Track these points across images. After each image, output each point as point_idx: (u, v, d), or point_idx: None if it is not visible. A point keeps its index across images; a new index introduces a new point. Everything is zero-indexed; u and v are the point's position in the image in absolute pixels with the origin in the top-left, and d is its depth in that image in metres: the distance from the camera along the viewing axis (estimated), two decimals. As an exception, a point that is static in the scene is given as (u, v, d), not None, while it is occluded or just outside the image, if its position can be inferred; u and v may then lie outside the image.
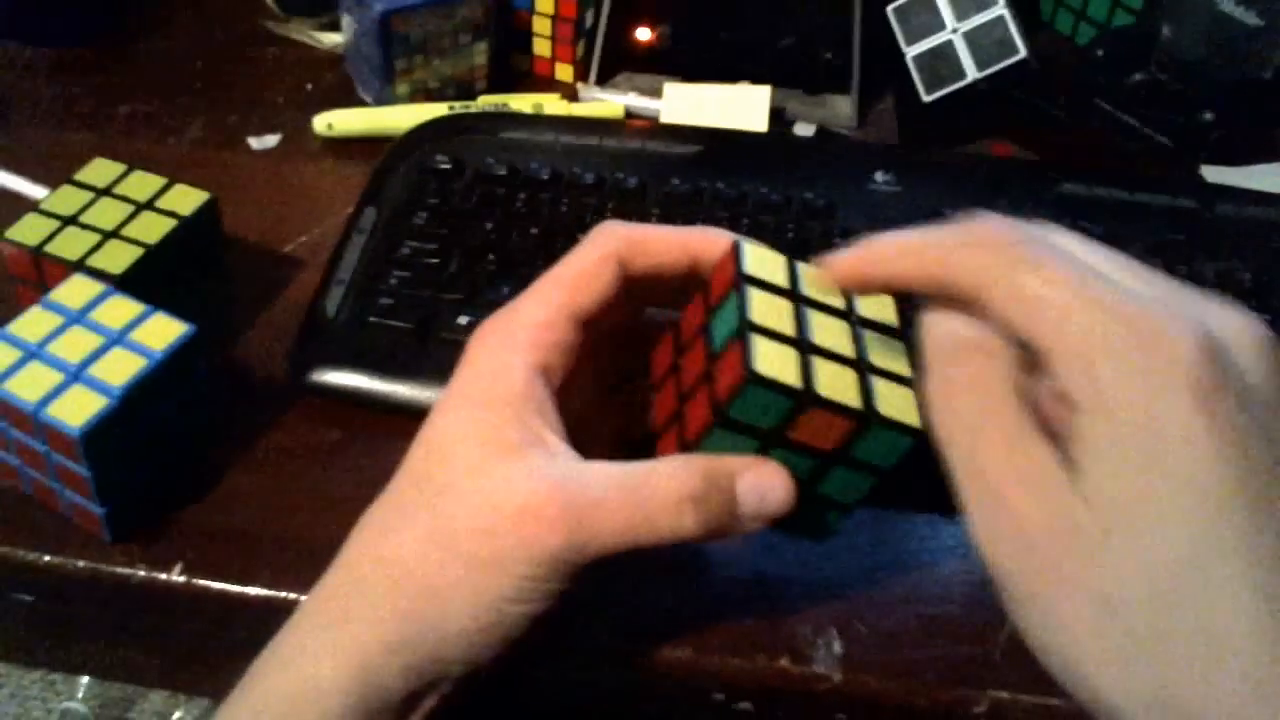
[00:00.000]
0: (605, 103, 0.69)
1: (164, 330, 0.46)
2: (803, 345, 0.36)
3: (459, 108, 0.67)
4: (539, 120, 0.66)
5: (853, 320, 0.38)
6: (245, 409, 0.51)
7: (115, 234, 0.51)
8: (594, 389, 0.42)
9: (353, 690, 0.36)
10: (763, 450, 0.37)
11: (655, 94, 0.69)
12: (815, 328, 0.37)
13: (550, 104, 0.68)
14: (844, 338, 0.37)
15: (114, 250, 0.50)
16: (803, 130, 0.68)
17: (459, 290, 0.54)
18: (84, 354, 0.45)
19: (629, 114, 0.69)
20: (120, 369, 0.44)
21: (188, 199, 0.53)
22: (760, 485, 0.36)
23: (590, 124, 0.65)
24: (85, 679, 1.33)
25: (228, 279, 0.57)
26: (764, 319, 0.36)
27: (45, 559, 0.46)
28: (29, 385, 0.44)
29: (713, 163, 0.62)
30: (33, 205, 0.52)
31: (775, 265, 0.38)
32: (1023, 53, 0.65)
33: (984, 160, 0.67)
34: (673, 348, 0.40)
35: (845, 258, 0.37)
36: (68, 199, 0.52)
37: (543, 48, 0.72)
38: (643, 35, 0.70)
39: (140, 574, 0.46)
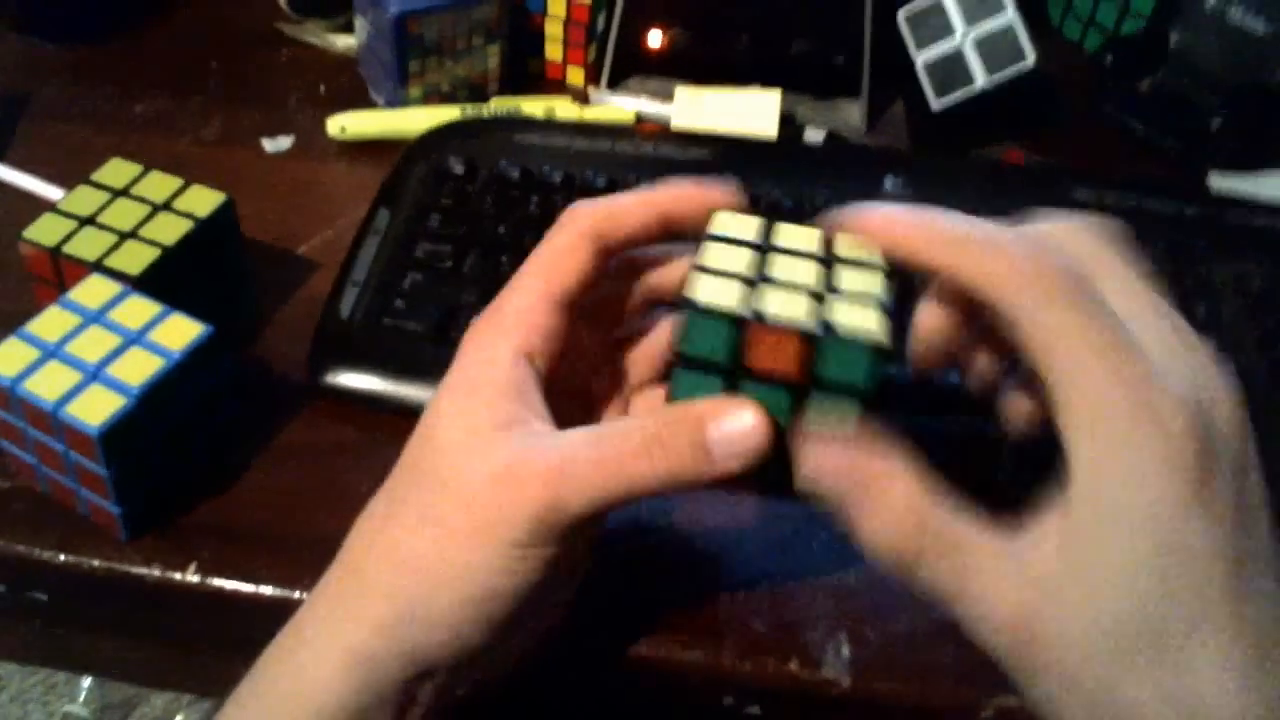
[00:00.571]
0: (616, 107, 0.69)
1: (182, 330, 0.46)
2: (754, 280, 0.37)
3: (471, 111, 0.67)
4: (551, 125, 0.66)
5: (829, 261, 0.38)
6: (262, 409, 0.52)
7: (133, 234, 0.51)
8: (599, 354, 0.43)
9: (349, 680, 0.37)
10: (729, 387, 0.36)
11: (666, 98, 0.69)
12: (776, 268, 0.37)
13: (562, 107, 0.68)
14: (810, 273, 0.37)
15: (132, 250, 0.50)
16: (813, 135, 0.69)
17: (473, 292, 0.54)
18: (102, 354, 0.45)
19: (640, 118, 0.69)
20: (138, 369, 0.45)
21: (205, 200, 0.53)
22: (727, 419, 0.35)
23: (601, 129, 0.65)
24: (87, 681, 1.33)
25: (249, 281, 0.57)
26: (714, 262, 0.37)
27: (61, 558, 0.47)
28: (47, 384, 0.44)
29: (723, 167, 0.62)
30: (50, 205, 0.53)
31: (747, 225, 0.39)
32: (1031, 60, 0.65)
33: (993, 165, 0.68)
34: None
35: (890, 216, 0.37)
36: (85, 199, 0.53)
37: (555, 51, 0.73)
38: (654, 39, 0.71)
39: (155, 574, 0.46)
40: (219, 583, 0.46)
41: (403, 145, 0.64)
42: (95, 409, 0.43)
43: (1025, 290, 0.34)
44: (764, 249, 0.39)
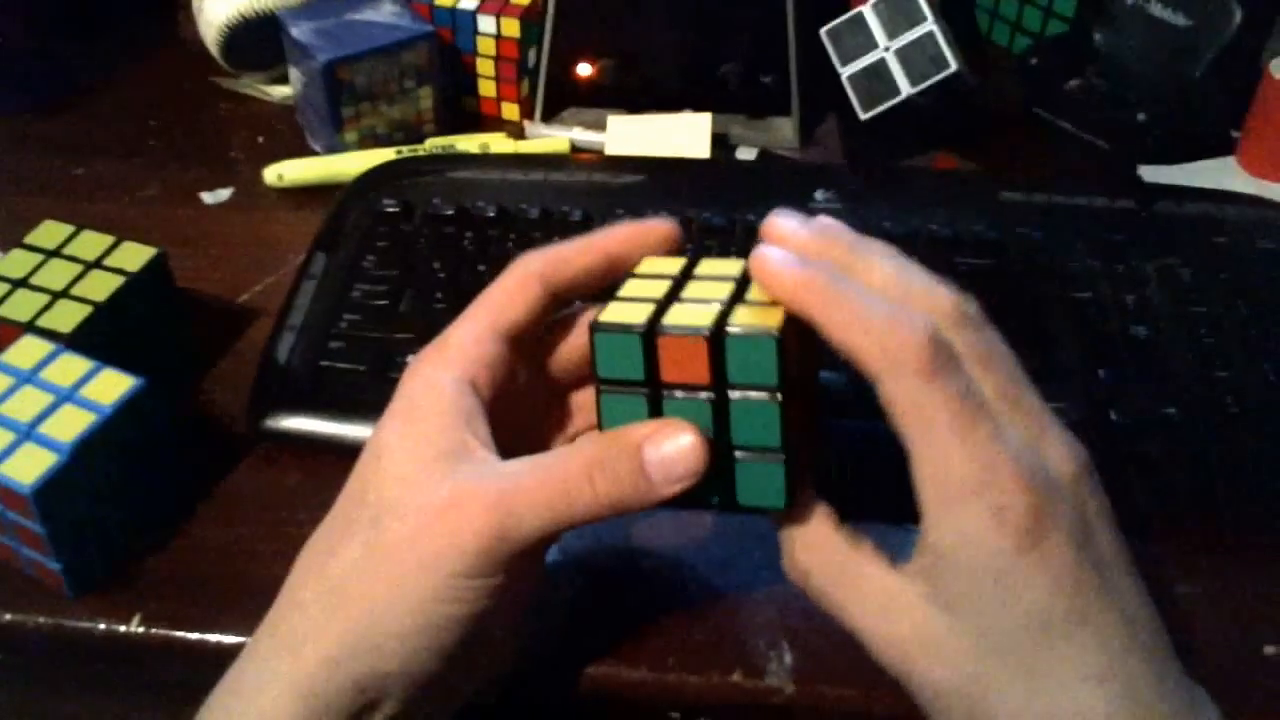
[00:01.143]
0: (551, 139, 0.70)
1: (113, 385, 0.47)
2: (663, 302, 0.38)
3: (407, 152, 0.68)
4: (485, 159, 0.67)
5: (746, 282, 0.39)
6: (204, 458, 0.52)
7: (64, 293, 0.52)
8: (547, 401, 0.44)
9: (297, 715, 0.37)
10: (654, 408, 0.37)
11: (600, 128, 0.70)
12: (689, 290, 0.38)
13: (496, 143, 0.69)
14: (722, 291, 0.38)
15: (63, 310, 0.51)
16: (745, 154, 0.69)
17: (410, 330, 0.55)
18: (35, 412, 0.45)
19: (575, 148, 0.70)
20: (70, 425, 0.45)
21: (136, 255, 0.53)
22: (665, 443, 0.37)
23: (536, 160, 0.66)
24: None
25: (184, 332, 0.58)
26: (629, 292, 0.38)
27: (7, 617, 0.47)
28: (-20, 446, 0.44)
29: (657, 190, 0.63)
30: (-12, 272, 0.53)
31: (671, 264, 0.40)
32: (954, 66, 0.66)
33: (923, 173, 0.69)
34: None
35: (782, 269, 0.37)
36: (19, 262, 0.53)
37: (488, 88, 0.74)
38: (584, 71, 0.72)
39: (101, 627, 0.46)
40: (164, 633, 0.46)
41: (341, 190, 0.64)
42: (28, 467, 0.44)
43: (885, 358, 0.35)
44: (683, 279, 0.39)
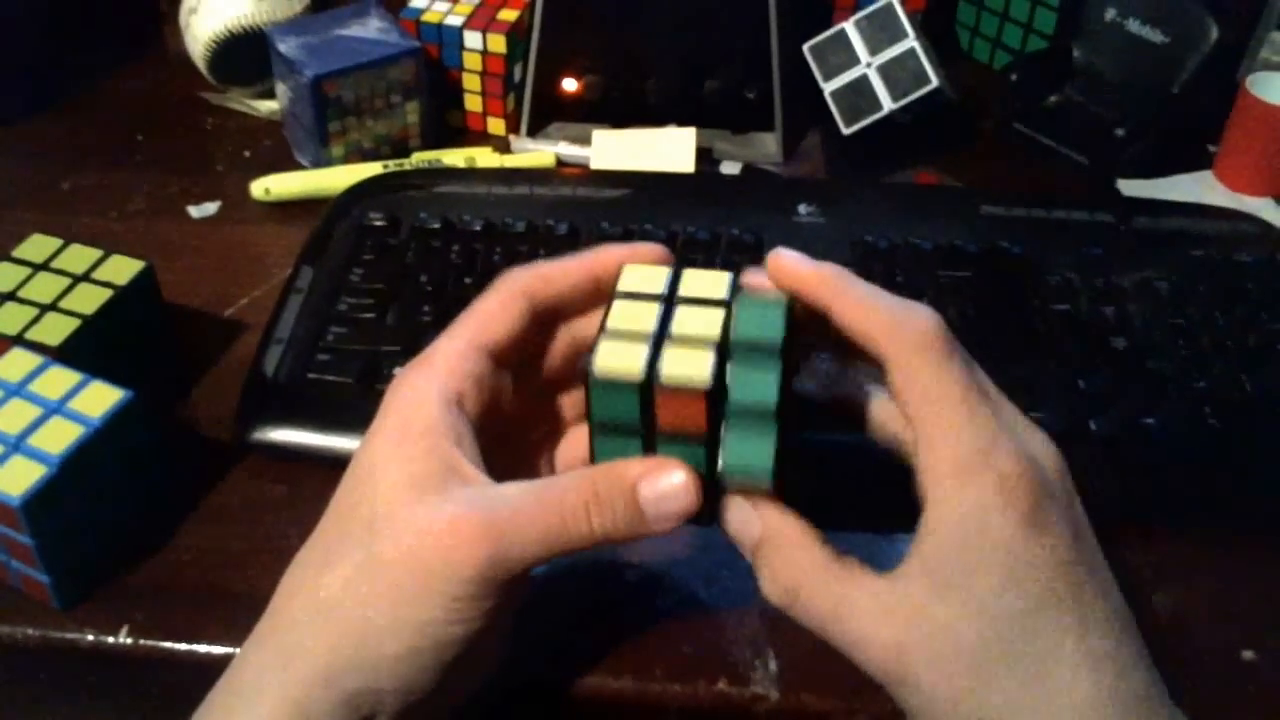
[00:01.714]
0: (536, 153, 0.71)
1: (102, 397, 0.47)
2: (656, 338, 0.38)
3: (393, 166, 0.69)
4: (471, 173, 0.67)
5: (733, 306, 0.39)
6: (191, 470, 0.52)
7: (53, 306, 0.52)
8: (530, 406, 0.44)
9: None
10: (648, 447, 0.38)
11: (585, 142, 0.71)
12: (679, 321, 0.38)
13: (482, 157, 0.70)
14: (713, 324, 0.38)
15: (52, 322, 0.51)
16: (729, 168, 0.70)
17: (396, 342, 0.55)
18: (23, 425, 0.46)
19: (560, 162, 0.71)
20: (59, 437, 0.45)
21: (124, 269, 0.54)
22: (659, 481, 0.38)
23: (521, 174, 0.67)
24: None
25: (171, 345, 0.58)
26: (619, 322, 0.38)
27: (-4, 629, 0.47)
28: (-31, 460, 0.45)
29: (641, 204, 0.64)
30: (-26, 286, 0.53)
31: (655, 277, 0.40)
32: (935, 82, 0.67)
33: (904, 188, 0.69)
34: None
35: (796, 262, 0.40)
36: (6, 275, 0.53)
37: (474, 103, 0.74)
38: (570, 86, 0.72)
39: (89, 639, 0.47)
40: (152, 644, 0.47)
41: (327, 204, 0.65)
42: (16, 480, 0.44)
43: (897, 341, 0.38)
44: (670, 300, 0.39)
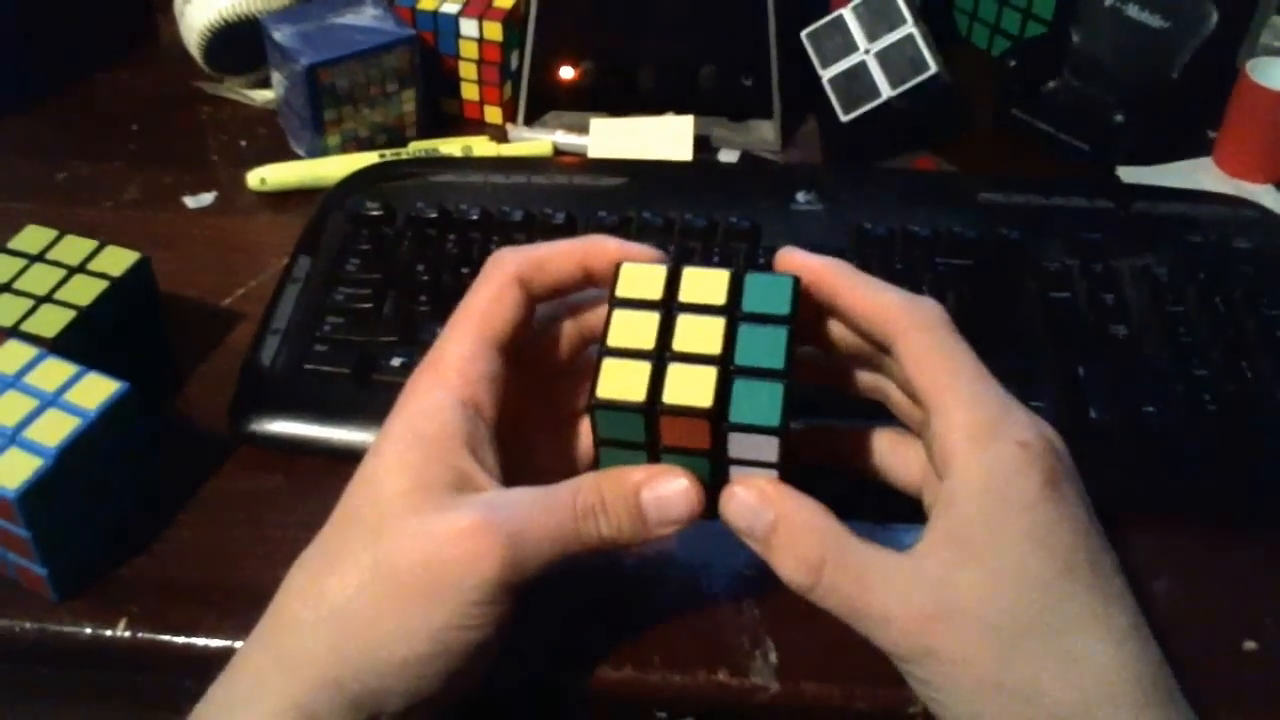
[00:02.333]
0: (533, 141, 0.71)
1: (97, 389, 0.47)
2: (659, 356, 0.38)
3: (389, 155, 0.68)
4: (468, 162, 0.67)
5: (735, 316, 0.39)
6: (187, 462, 0.52)
7: (48, 298, 0.51)
8: (541, 402, 0.45)
9: None
10: (653, 458, 0.39)
11: (582, 130, 0.70)
12: (680, 334, 0.38)
13: (479, 146, 0.69)
14: (714, 336, 0.38)
15: (47, 314, 0.51)
16: (727, 156, 0.70)
17: (393, 333, 0.55)
18: (19, 417, 0.45)
19: (558, 151, 0.71)
20: (55, 430, 0.45)
21: (120, 260, 0.53)
22: (657, 488, 0.39)
23: (518, 163, 0.66)
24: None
25: (168, 335, 0.58)
26: (621, 339, 0.38)
27: (-8, 622, 0.47)
28: (-36, 452, 0.44)
29: (639, 193, 0.63)
30: (-32, 277, 0.53)
31: (653, 279, 0.40)
32: (933, 69, 0.67)
33: (902, 175, 0.69)
34: None
35: (807, 257, 0.41)
36: (1, 267, 0.53)
37: (470, 91, 0.74)
38: (566, 74, 0.72)
39: (86, 632, 0.46)
40: (150, 636, 0.46)
41: (323, 194, 0.65)
42: (12, 472, 0.44)
43: (908, 320, 0.39)
44: (669, 306, 0.39)
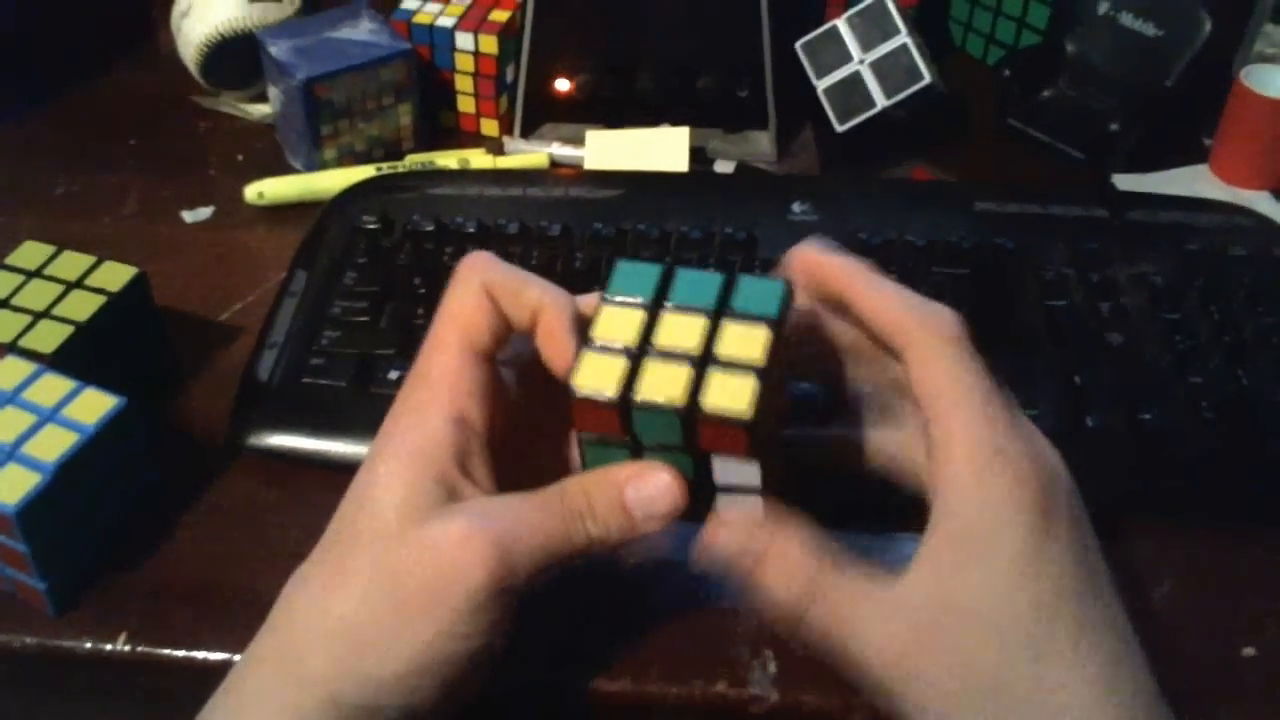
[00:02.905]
0: (529, 154, 0.71)
1: (95, 404, 0.47)
2: (637, 352, 0.38)
3: (386, 168, 0.69)
4: (465, 175, 0.67)
5: (722, 315, 0.38)
6: (185, 476, 0.52)
7: (46, 314, 0.52)
8: (548, 411, 0.44)
9: None
10: (636, 454, 0.39)
11: (579, 142, 0.70)
12: (664, 331, 0.38)
13: (476, 158, 0.70)
14: (695, 336, 0.38)
15: (45, 330, 0.51)
16: (723, 167, 0.70)
17: (390, 345, 0.55)
18: (17, 433, 0.46)
19: (554, 163, 0.71)
20: (53, 445, 0.45)
21: (117, 275, 0.54)
22: (641, 486, 0.39)
23: (515, 175, 0.66)
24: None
25: (165, 350, 0.58)
26: (603, 332, 0.38)
27: (-9, 638, 0.47)
28: (-37, 468, 0.44)
29: (635, 204, 0.63)
30: (-34, 293, 0.53)
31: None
32: (928, 78, 0.67)
33: (898, 185, 0.69)
34: None
35: (818, 255, 0.42)
36: (0, 283, 0.53)
37: (467, 104, 0.74)
38: (562, 86, 0.72)
39: (86, 646, 0.46)
40: (150, 650, 0.46)
41: (321, 207, 0.65)
42: (11, 487, 0.44)
43: (919, 331, 0.39)
44: (655, 306, 0.39)
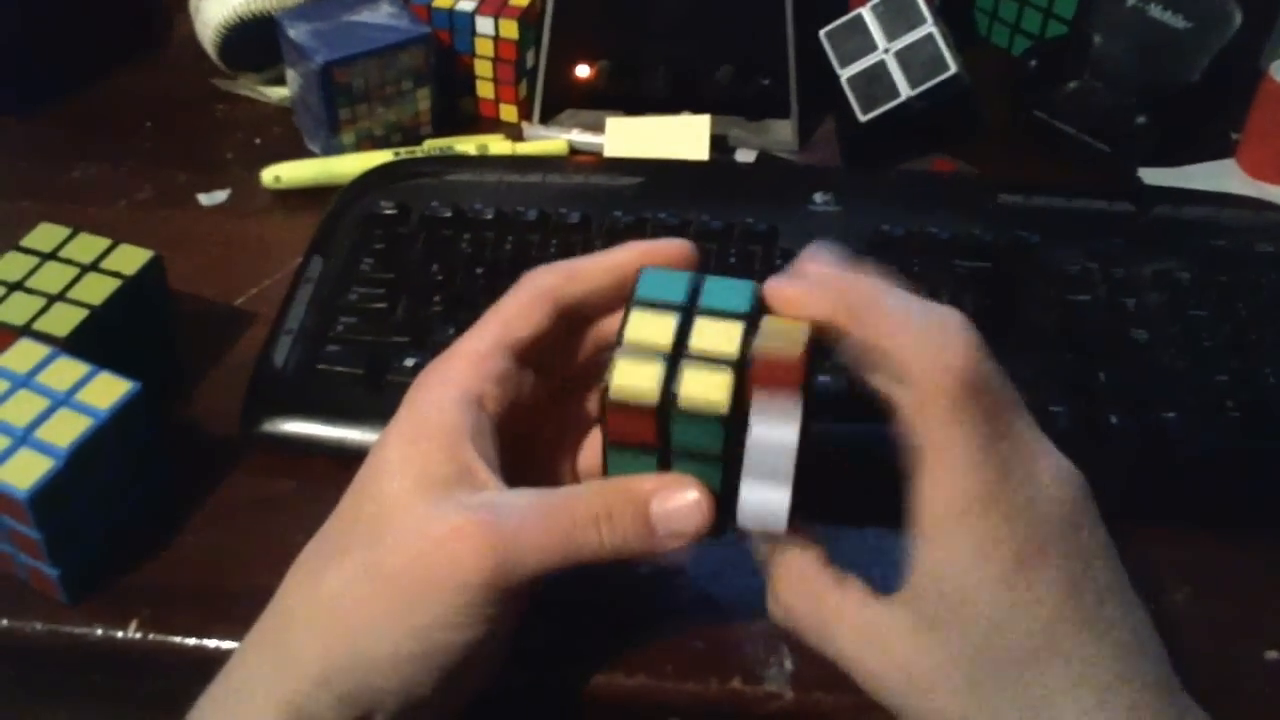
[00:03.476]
0: (549, 140, 0.70)
1: (109, 389, 0.46)
2: (673, 355, 0.36)
3: (404, 153, 0.68)
4: (483, 161, 0.66)
5: (752, 319, 0.37)
6: (198, 463, 0.52)
7: (61, 297, 0.51)
8: (555, 408, 0.44)
9: None
10: (663, 464, 0.38)
11: (598, 129, 0.70)
12: (698, 335, 0.37)
13: (495, 144, 0.69)
14: (732, 338, 0.37)
15: (60, 313, 0.51)
16: (744, 156, 0.69)
17: (406, 333, 0.55)
18: (31, 417, 0.45)
19: (573, 150, 0.70)
20: (66, 430, 0.45)
21: (132, 258, 0.53)
22: (668, 500, 0.37)
23: (534, 162, 0.66)
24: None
25: (179, 335, 0.58)
26: (638, 336, 0.37)
27: (3, 623, 0.47)
28: (-24, 452, 0.44)
29: (655, 193, 0.63)
30: (-18, 275, 0.53)
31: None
32: (953, 69, 0.66)
33: (920, 176, 0.68)
34: None
35: (806, 288, 0.38)
36: (14, 265, 0.53)
37: (486, 90, 0.73)
38: (583, 72, 0.71)
39: (97, 633, 0.46)
40: (161, 638, 0.46)
41: (337, 192, 0.64)
42: (24, 472, 0.43)
43: (920, 371, 0.36)
44: (688, 309, 0.38)
